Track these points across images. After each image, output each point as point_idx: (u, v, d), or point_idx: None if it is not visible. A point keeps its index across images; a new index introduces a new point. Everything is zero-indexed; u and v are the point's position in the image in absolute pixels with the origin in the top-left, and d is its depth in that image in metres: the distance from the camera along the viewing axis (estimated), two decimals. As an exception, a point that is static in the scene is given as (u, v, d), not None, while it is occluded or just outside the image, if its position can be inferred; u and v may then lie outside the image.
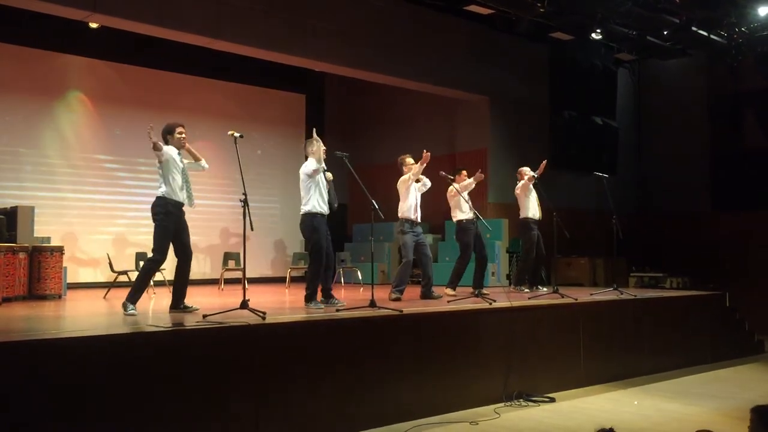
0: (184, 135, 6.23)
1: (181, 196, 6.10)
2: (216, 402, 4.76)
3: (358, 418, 5.47)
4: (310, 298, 6.81)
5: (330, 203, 7.01)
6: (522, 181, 9.37)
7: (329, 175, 7.01)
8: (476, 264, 8.82)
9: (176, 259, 6.16)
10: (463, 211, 8.72)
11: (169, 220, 6.01)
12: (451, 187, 8.69)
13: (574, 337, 7.44)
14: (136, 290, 6.05)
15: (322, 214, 6.88)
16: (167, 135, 6.23)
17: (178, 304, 6.11)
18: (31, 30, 10.34)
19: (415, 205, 8.07)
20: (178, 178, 6.09)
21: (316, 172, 6.88)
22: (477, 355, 6.45)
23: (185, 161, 6.28)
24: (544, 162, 9.35)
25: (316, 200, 6.85)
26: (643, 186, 15.08)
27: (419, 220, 8.12)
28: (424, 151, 7.94)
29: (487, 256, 8.93)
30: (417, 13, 11.43)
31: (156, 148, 5.88)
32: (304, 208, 6.88)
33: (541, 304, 7.55)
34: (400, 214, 8.11)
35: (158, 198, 6.09)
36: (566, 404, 6.57)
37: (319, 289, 7.01)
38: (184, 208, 6.18)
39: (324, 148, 6.96)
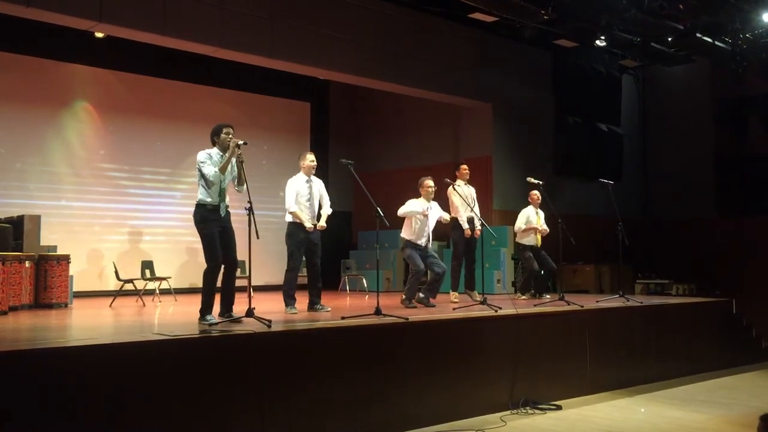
0: (231, 135, 5.98)
1: (218, 201, 5.90)
2: (221, 410, 4.76)
3: (363, 427, 5.45)
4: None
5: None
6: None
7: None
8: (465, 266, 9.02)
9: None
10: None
11: (209, 227, 5.88)
12: (450, 189, 8.72)
13: (581, 344, 7.41)
14: (205, 300, 5.92)
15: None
16: (214, 136, 6.05)
17: (224, 312, 6.03)
18: (36, 40, 10.40)
19: (420, 232, 7.94)
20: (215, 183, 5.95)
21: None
22: (483, 362, 6.43)
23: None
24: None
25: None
26: (648, 192, 15.06)
27: (424, 245, 7.98)
28: None
29: (473, 258, 8.97)
30: (421, 21, 11.46)
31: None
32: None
33: (546, 311, 7.53)
34: (402, 234, 8.09)
35: (195, 205, 5.95)
36: (573, 412, 6.54)
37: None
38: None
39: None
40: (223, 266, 6.03)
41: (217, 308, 6.06)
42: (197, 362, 4.80)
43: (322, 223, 7.39)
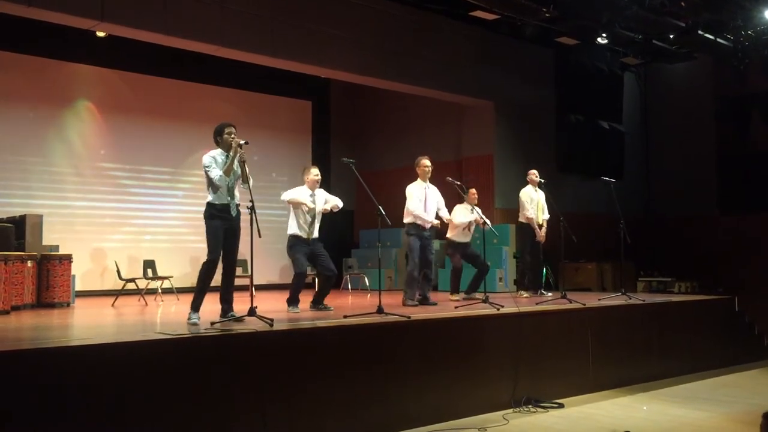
0: (233, 135, 6.00)
1: (227, 201, 5.96)
2: (223, 409, 4.77)
3: (365, 425, 5.45)
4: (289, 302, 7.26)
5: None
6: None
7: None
8: (477, 271, 9.06)
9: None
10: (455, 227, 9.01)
11: (215, 223, 5.92)
12: (456, 207, 8.95)
13: (583, 342, 7.41)
14: (196, 296, 5.97)
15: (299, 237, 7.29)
16: (217, 137, 6.08)
17: (224, 312, 6.02)
18: (38, 39, 10.40)
19: (424, 208, 7.98)
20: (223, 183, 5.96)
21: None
22: (485, 360, 6.43)
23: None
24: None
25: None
26: (650, 190, 15.04)
27: (428, 225, 8.01)
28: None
29: (485, 265, 8.98)
30: (422, 19, 11.45)
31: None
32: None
33: (549, 309, 7.53)
34: (405, 220, 8.10)
35: (206, 204, 6.01)
36: (575, 410, 6.54)
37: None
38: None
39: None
40: (222, 264, 6.05)
41: (218, 309, 6.06)
42: (199, 361, 4.80)
43: (327, 207, 7.42)
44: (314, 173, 7.42)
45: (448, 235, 9.16)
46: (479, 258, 8.94)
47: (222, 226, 5.95)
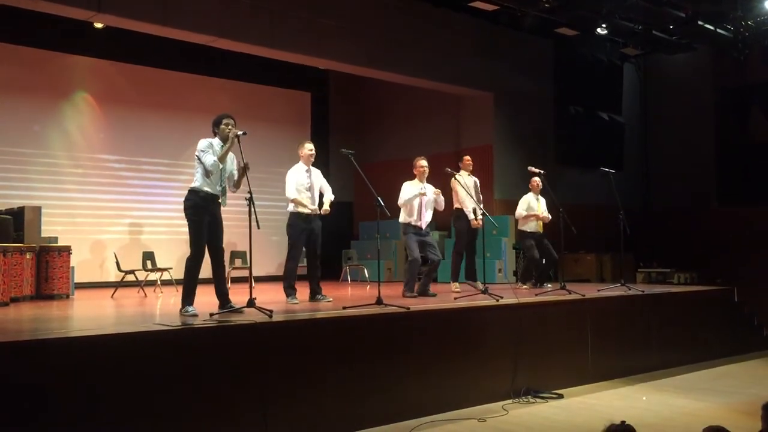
0: (230, 126, 5.94)
1: (215, 190, 5.90)
2: (223, 400, 4.77)
3: (365, 416, 5.46)
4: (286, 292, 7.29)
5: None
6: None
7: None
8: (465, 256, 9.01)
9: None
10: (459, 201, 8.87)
11: (199, 214, 5.84)
12: (453, 180, 8.72)
13: (582, 333, 7.42)
14: (187, 292, 5.90)
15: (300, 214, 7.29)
16: (215, 127, 6.04)
17: (222, 305, 5.96)
18: (36, 31, 10.36)
19: (418, 211, 7.98)
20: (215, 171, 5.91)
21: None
22: (484, 351, 6.44)
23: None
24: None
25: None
26: (649, 181, 15.03)
27: (423, 227, 8.01)
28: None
29: (474, 249, 8.94)
30: (421, 10, 11.40)
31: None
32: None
33: (548, 300, 7.53)
34: (400, 219, 8.09)
35: (189, 191, 5.92)
36: (574, 400, 6.55)
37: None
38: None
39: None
40: (210, 256, 5.98)
41: (216, 301, 6.05)
42: (199, 352, 4.80)
43: (326, 207, 7.39)
44: (308, 148, 7.45)
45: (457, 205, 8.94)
46: (474, 241, 8.89)
47: (206, 217, 5.87)
